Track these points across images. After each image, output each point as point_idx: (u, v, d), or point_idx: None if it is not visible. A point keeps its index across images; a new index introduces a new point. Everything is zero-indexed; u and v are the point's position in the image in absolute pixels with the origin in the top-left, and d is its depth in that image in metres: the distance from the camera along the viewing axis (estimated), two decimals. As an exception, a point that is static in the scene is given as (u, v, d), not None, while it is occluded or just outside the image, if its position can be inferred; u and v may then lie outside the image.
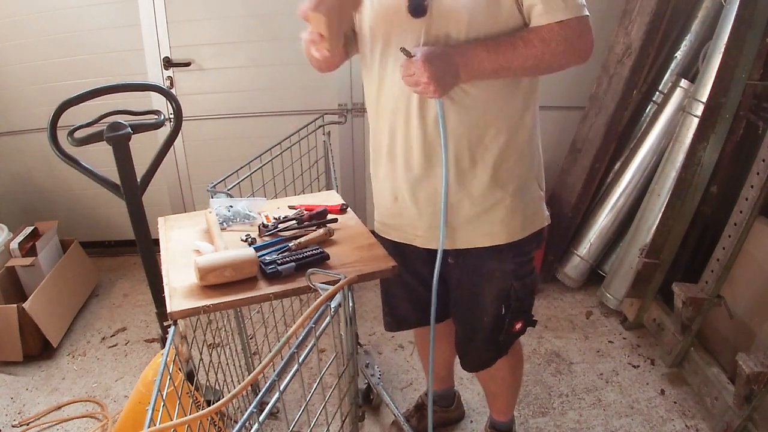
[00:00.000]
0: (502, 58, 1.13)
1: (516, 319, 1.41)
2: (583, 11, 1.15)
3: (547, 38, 1.13)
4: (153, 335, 2.48)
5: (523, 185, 1.30)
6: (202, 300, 1.12)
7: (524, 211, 1.31)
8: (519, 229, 1.31)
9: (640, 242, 2.37)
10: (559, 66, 1.17)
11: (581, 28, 1.16)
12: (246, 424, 0.81)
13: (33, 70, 2.73)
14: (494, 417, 1.78)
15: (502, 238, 1.30)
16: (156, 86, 1.59)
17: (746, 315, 1.90)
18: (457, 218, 1.29)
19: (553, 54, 1.14)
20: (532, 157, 1.32)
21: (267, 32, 2.71)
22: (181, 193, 3.04)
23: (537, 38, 1.13)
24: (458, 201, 1.28)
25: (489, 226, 1.30)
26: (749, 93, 1.90)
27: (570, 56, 1.17)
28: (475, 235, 1.31)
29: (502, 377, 1.59)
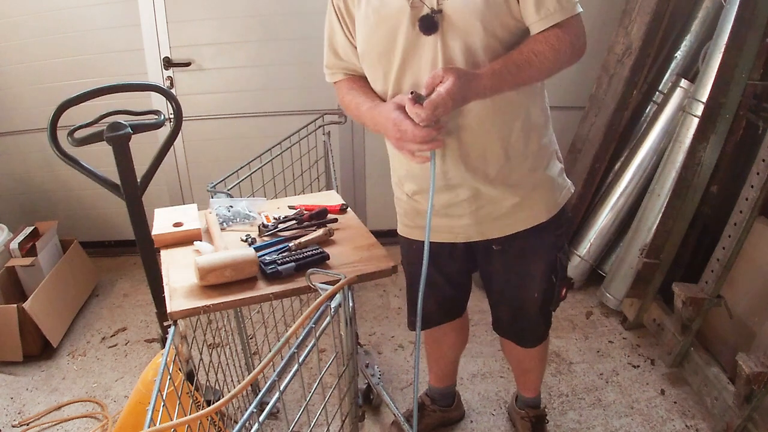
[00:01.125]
0: (521, 77, 1.15)
1: (562, 285, 1.48)
2: (577, 8, 1.17)
3: (556, 46, 1.14)
4: (153, 335, 2.48)
5: (549, 162, 1.36)
6: (202, 300, 1.12)
7: (555, 185, 1.38)
8: (555, 203, 1.38)
9: (640, 242, 2.37)
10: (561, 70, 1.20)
11: (580, 27, 1.18)
12: (246, 424, 0.81)
13: (33, 70, 2.73)
14: (524, 394, 1.83)
15: (543, 215, 1.37)
16: (156, 86, 1.59)
17: (746, 315, 1.90)
18: (501, 208, 1.34)
19: (561, 60, 1.16)
20: (549, 131, 1.37)
21: (267, 32, 2.71)
22: (181, 193, 3.04)
23: (548, 49, 1.14)
24: (501, 194, 1.32)
25: (529, 208, 1.35)
26: (749, 93, 1.90)
27: (572, 59, 1.19)
28: (521, 219, 1.36)
29: (537, 350, 1.64)
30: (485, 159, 1.27)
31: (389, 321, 2.53)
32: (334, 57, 1.36)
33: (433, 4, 1.14)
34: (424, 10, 1.15)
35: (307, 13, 2.68)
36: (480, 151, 1.27)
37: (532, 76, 1.16)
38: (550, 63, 1.15)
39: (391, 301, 2.68)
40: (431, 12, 1.14)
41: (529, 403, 1.84)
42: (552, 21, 1.14)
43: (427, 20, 1.14)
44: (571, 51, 1.16)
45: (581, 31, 1.18)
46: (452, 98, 1.06)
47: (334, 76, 1.39)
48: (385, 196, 3.22)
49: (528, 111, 1.28)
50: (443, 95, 1.05)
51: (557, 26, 1.15)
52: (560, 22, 1.15)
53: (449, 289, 1.56)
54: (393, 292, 2.73)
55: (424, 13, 1.14)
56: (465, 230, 1.38)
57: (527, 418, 1.82)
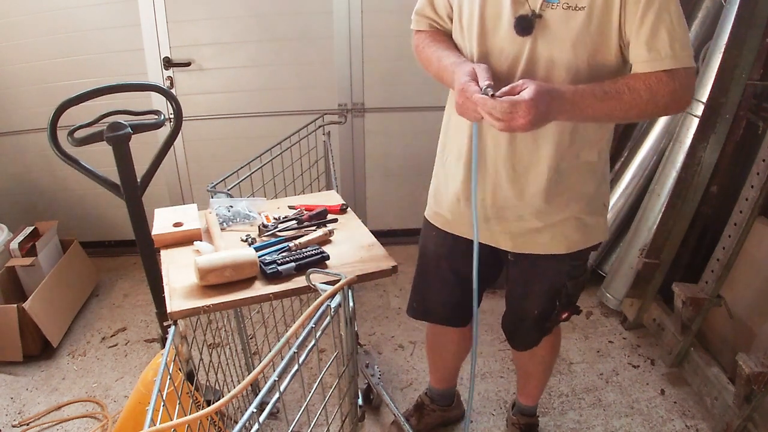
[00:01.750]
0: (606, 106, 1.08)
1: (564, 310, 1.46)
2: (691, 61, 1.10)
3: (654, 88, 1.08)
4: (153, 335, 2.48)
5: (591, 205, 1.32)
6: (202, 300, 1.12)
7: (586, 227, 1.33)
8: (580, 243, 1.35)
9: (640, 242, 2.37)
10: (654, 117, 1.15)
11: (688, 80, 1.11)
12: (246, 424, 0.81)
13: (33, 70, 2.73)
14: (522, 401, 1.82)
15: (561, 249, 1.34)
16: (156, 86, 1.59)
17: (746, 315, 1.90)
18: (521, 227, 1.32)
19: (656, 105, 1.10)
20: (603, 177, 1.33)
21: (267, 32, 2.71)
22: (181, 193, 3.04)
23: (644, 87, 1.08)
24: (528, 213, 1.30)
25: (550, 238, 1.32)
26: (749, 93, 1.90)
27: (670, 109, 1.13)
28: (537, 243, 1.34)
29: (541, 356, 1.64)
30: (527, 174, 1.25)
31: (389, 321, 2.53)
32: (429, 7, 1.33)
33: (536, 6, 1.11)
34: (525, 10, 1.12)
35: (307, 13, 2.68)
36: (526, 164, 1.24)
37: (618, 110, 1.09)
38: (643, 103, 1.08)
39: (391, 301, 2.68)
40: (530, 14, 1.11)
41: (524, 410, 1.82)
42: (660, 66, 1.08)
43: (524, 21, 1.11)
44: (671, 100, 1.09)
45: (688, 84, 1.11)
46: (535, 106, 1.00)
47: (419, 23, 1.36)
48: (385, 196, 3.23)
49: (589, 147, 1.25)
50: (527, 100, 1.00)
51: (664, 71, 1.09)
52: (669, 69, 1.08)
53: (459, 292, 1.51)
54: (393, 292, 2.73)
55: (523, 12, 1.12)
56: (483, 231, 1.36)
57: (518, 425, 1.82)
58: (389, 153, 2.96)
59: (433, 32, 1.35)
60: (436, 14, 1.33)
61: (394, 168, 2.99)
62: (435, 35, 1.34)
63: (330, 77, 2.80)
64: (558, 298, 1.42)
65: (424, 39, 1.34)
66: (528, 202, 1.28)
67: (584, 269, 1.45)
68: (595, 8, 1.08)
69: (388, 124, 2.90)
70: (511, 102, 1.01)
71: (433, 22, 1.35)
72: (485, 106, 1.04)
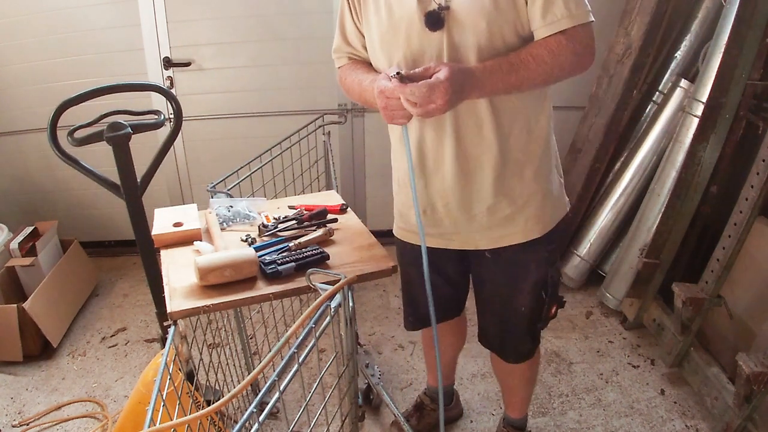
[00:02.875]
0: (515, 78, 1.11)
1: (551, 303, 1.45)
2: (588, 17, 1.12)
3: (556, 51, 1.11)
4: (153, 335, 2.48)
5: (548, 175, 1.33)
6: (202, 300, 1.12)
7: (552, 201, 1.34)
8: (550, 220, 1.35)
9: (640, 242, 2.37)
10: (563, 78, 1.17)
11: (587, 37, 1.14)
12: (246, 424, 0.81)
13: (33, 70, 2.73)
14: (509, 414, 1.79)
15: (536, 231, 1.33)
16: (156, 86, 1.59)
17: (746, 315, 1.90)
18: (494, 219, 1.32)
19: (561, 68, 1.13)
20: (550, 146, 1.33)
21: (267, 32, 2.71)
22: (181, 193, 3.04)
23: (547, 53, 1.11)
24: (497, 203, 1.29)
25: (523, 222, 1.32)
26: (749, 93, 1.90)
27: (575, 68, 1.15)
28: (513, 232, 1.33)
29: (521, 370, 1.60)
30: (482, 164, 1.25)
31: (389, 321, 2.53)
32: (342, 42, 1.37)
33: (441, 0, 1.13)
34: (432, 6, 1.13)
35: (307, 13, 2.68)
36: (477, 154, 1.25)
37: (527, 79, 1.12)
38: (548, 67, 1.11)
39: (391, 301, 2.68)
40: (438, 8, 1.12)
41: (513, 423, 1.79)
42: (557, 28, 1.11)
43: (433, 16, 1.12)
44: (574, 60, 1.13)
45: (588, 41, 1.14)
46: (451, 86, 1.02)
47: (340, 60, 1.41)
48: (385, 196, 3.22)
49: (528, 118, 1.25)
50: (443, 81, 1.02)
51: (561, 33, 1.11)
52: (566, 30, 1.11)
53: (447, 288, 1.54)
54: (393, 292, 2.73)
55: (430, 8, 1.13)
56: (457, 237, 1.37)
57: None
58: (389, 153, 2.94)
59: (352, 63, 1.38)
60: (351, 47, 1.37)
61: (394, 168, 2.98)
62: (354, 65, 1.36)
63: (330, 77, 2.80)
64: (544, 289, 1.41)
65: (344, 71, 1.38)
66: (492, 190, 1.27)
67: (557, 253, 1.45)
68: None
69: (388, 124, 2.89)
70: (428, 85, 1.02)
71: (352, 56, 1.39)
72: (403, 92, 1.05)
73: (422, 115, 1.07)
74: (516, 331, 1.49)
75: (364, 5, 1.26)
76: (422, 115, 1.07)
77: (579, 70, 1.16)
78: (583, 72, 1.17)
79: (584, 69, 1.16)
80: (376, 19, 1.23)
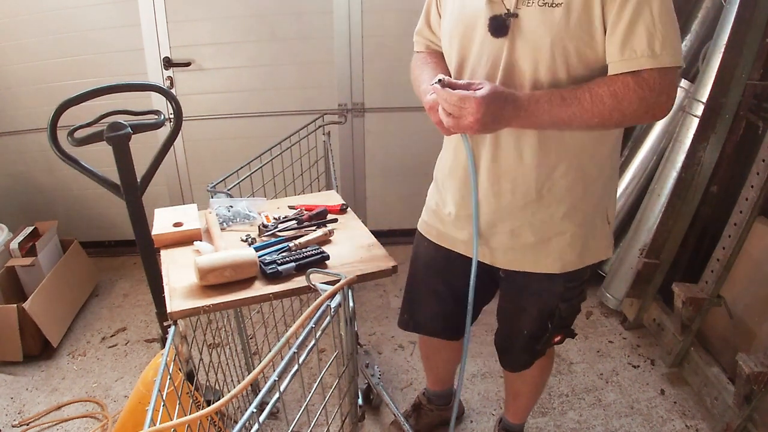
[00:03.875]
0: (564, 112, 1.01)
1: (557, 333, 1.40)
2: (673, 61, 0.99)
3: (620, 94, 0.99)
4: (153, 335, 2.48)
5: (589, 220, 1.24)
6: (202, 300, 1.12)
7: (584, 244, 1.26)
8: (575, 261, 1.27)
9: (640, 242, 2.37)
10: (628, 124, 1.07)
11: (662, 83, 0.99)
12: (246, 424, 0.81)
13: (33, 70, 2.73)
14: (508, 418, 1.78)
15: (555, 268, 1.27)
16: (156, 86, 1.59)
17: (746, 315, 1.90)
18: (515, 242, 1.26)
19: (623, 113, 1.01)
20: (604, 191, 1.25)
21: (267, 32, 2.71)
22: (181, 193, 3.04)
23: (608, 93, 0.99)
24: (519, 227, 1.24)
25: (545, 255, 1.26)
26: (749, 93, 1.90)
27: (642, 116, 1.03)
28: (530, 260, 1.28)
29: (531, 376, 1.58)
30: (514, 187, 1.20)
31: (389, 321, 2.53)
32: (426, 27, 1.34)
33: (511, 5, 1.05)
34: (499, 10, 1.06)
35: (307, 13, 2.68)
36: (511, 177, 1.19)
37: (579, 118, 1.01)
38: (606, 109, 1.00)
39: (391, 301, 2.68)
40: (505, 14, 1.05)
41: (510, 428, 1.78)
42: (635, 66, 0.98)
43: (497, 21, 1.05)
44: (640, 106, 0.99)
45: (665, 88, 0.99)
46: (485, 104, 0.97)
47: (418, 44, 1.38)
48: (385, 196, 3.23)
49: (580, 157, 1.16)
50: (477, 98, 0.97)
51: (632, 74, 0.99)
52: (640, 71, 0.99)
53: (452, 304, 1.47)
54: (393, 292, 2.73)
55: (497, 12, 1.06)
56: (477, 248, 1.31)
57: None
58: (389, 153, 2.96)
59: (428, 53, 1.35)
60: (432, 34, 1.33)
61: (394, 168, 2.98)
62: (428, 56, 1.33)
63: (330, 77, 2.80)
64: (550, 320, 1.36)
65: (417, 60, 1.35)
66: (518, 215, 1.23)
67: (580, 291, 1.36)
68: (573, 3, 1.00)
69: (388, 124, 2.90)
70: (461, 96, 0.98)
71: (431, 43, 1.35)
72: (438, 96, 1.02)
73: (454, 128, 1.03)
74: (515, 345, 1.47)
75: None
76: (454, 128, 1.03)
77: (648, 118, 1.04)
78: (656, 120, 1.07)
79: (655, 118, 1.05)
80: (450, 11, 1.19)
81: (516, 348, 1.48)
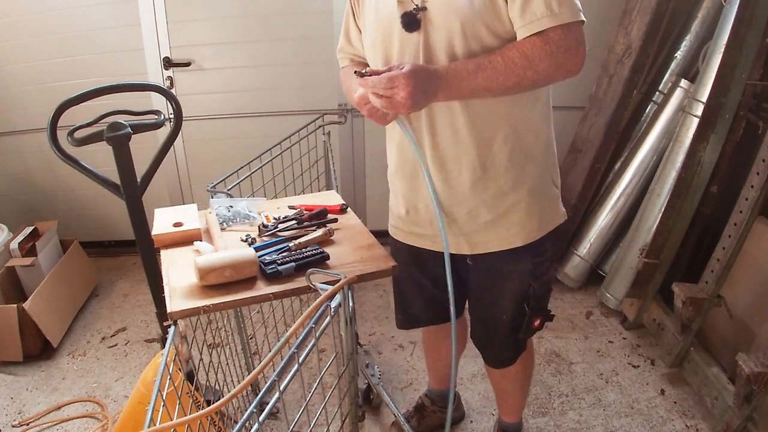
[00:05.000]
0: (482, 78, 1.06)
1: (535, 316, 1.41)
2: (573, 16, 1.05)
3: (528, 54, 1.04)
4: (153, 335, 2.48)
5: (537, 185, 1.28)
6: (202, 300, 1.12)
7: (540, 211, 1.29)
8: (536, 230, 1.30)
9: (640, 242, 2.37)
10: (545, 83, 1.12)
11: (568, 39, 1.05)
12: (246, 424, 0.81)
13: (33, 70, 2.73)
14: (503, 418, 1.78)
15: (519, 240, 1.29)
16: (156, 86, 1.59)
17: (746, 315, 1.90)
18: (474, 224, 1.29)
19: (537, 71, 1.05)
20: (545, 156, 1.28)
21: (267, 32, 2.71)
22: (181, 193, 3.04)
23: (518, 54, 1.05)
24: (475, 208, 1.27)
25: (506, 229, 1.28)
26: (749, 93, 1.90)
27: (556, 72, 1.07)
28: (493, 239, 1.30)
29: (515, 372, 1.58)
30: (459, 168, 1.23)
31: (389, 321, 2.53)
32: (346, 43, 1.40)
33: (418, 0, 1.11)
34: (410, 7, 1.12)
35: (307, 13, 2.68)
36: (454, 158, 1.22)
37: (495, 81, 1.06)
38: (519, 70, 1.04)
39: (391, 301, 2.66)
40: (414, 9, 1.11)
41: (507, 428, 1.79)
42: (536, 28, 1.04)
43: (409, 17, 1.11)
44: (551, 62, 1.04)
45: (571, 42, 1.05)
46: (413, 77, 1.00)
47: (342, 60, 1.44)
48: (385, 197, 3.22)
49: (515, 126, 1.20)
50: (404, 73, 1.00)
51: (537, 34, 1.04)
52: (544, 31, 1.04)
53: (437, 291, 1.50)
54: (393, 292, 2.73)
55: (407, 9, 1.12)
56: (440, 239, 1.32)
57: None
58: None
59: (353, 64, 1.40)
60: (353, 47, 1.39)
61: (394, 168, 2.98)
62: (354, 66, 1.36)
63: (330, 77, 2.80)
64: (526, 301, 1.37)
65: (345, 74, 1.39)
66: (470, 196, 1.25)
67: (548, 267, 1.39)
68: None
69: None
70: (389, 76, 1.01)
71: (354, 56, 1.40)
72: (366, 85, 1.05)
73: (388, 107, 1.05)
74: (496, 337, 1.48)
75: (362, 5, 1.28)
76: (388, 108, 1.05)
77: (563, 73, 1.08)
78: (570, 75, 1.09)
79: (571, 72, 1.09)
80: (369, 19, 1.24)
81: (498, 340, 1.48)
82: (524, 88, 1.11)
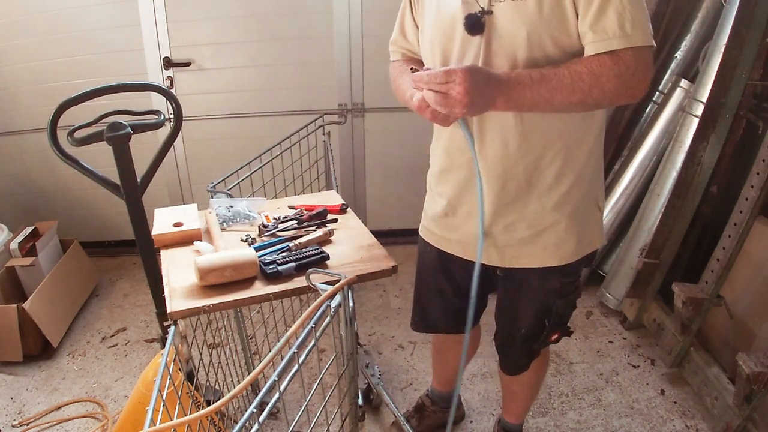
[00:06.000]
0: (545, 89, 1.02)
1: (554, 331, 1.41)
2: (645, 40, 1.02)
3: (597, 72, 1.01)
4: (153, 335, 2.48)
5: (581, 208, 1.25)
6: (202, 300, 1.12)
7: (579, 233, 1.26)
8: (571, 252, 1.27)
9: (640, 242, 2.37)
10: (607, 104, 1.08)
11: (638, 62, 1.02)
12: (246, 424, 0.81)
13: (33, 70, 2.73)
14: (506, 419, 1.78)
15: (552, 261, 1.27)
16: (156, 86, 1.58)
17: (746, 315, 1.90)
18: (510, 238, 1.26)
19: (602, 90, 1.03)
20: (592, 178, 1.26)
21: (267, 32, 2.71)
22: (181, 193, 3.04)
23: (586, 71, 1.01)
24: (513, 222, 1.24)
25: (541, 248, 1.26)
26: (749, 93, 1.90)
27: (621, 94, 1.05)
28: (526, 255, 1.28)
29: (527, 377, 1.57)
30: (504, 181, 1.20)
31: (389, 321, 2.53)
32: (401, 36, 1.37)
33: (485, 3, 1.08)
34: (475, 8, 1.09)
35: (307, 13, 2.68)
36: (500, 170, 1.19)
37: (559, 94, 1.02)
38: (586, 87, 1.01)
39: (391, 301, 2.68)
40: (479, 12, 1.08)
41: (509, 428, 1.78)
42: (605, 47, 1.01)
43: (472, 19, 1.08)
44: (618, 84, 1.02)
45: (641, 66, 1.02)
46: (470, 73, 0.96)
47: (394, 54, 1.41)
48: (385, 196, 3.23)
49: (567, 144, 1.17)
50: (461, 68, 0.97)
51: (609, 53, 1.02)
52: (615, 51, 1.01)
53: (458, 300, 1.47)
54: (393, 292, 2.73)
55: (471, 11, 1.09)
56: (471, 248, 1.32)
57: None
58: (389, 153, 2.95)
59: (405, 60, 1.37)
60: (407, 42, 1.36)
61: (394, 168, 2.98)
62: (405, 63, 1.34)
63: (330, 77, 2.80)
64: (548, 317, 1.36)
65: (396, 69, 1.36)
66: (511, 209, 1.23)
67: (575, 287, 1.37)
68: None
69: (388, 124, 2.90)
70: (446, 70, 0.98)
71: (406, 51, 1.37)
72: (422, 81, 1.02)
73: (443, 105, 1.01)
74: (513, 345, 1.47)
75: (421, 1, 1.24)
76: (443, 107, 1.01)
77: (627, 96, 1.06)
78: (632, 100, 1.08)
79: (634, 98, 1.06)
80: (429, 16, 1.21)
81: (514, 349, 1.48)
82: (586, 107, 1.08)
